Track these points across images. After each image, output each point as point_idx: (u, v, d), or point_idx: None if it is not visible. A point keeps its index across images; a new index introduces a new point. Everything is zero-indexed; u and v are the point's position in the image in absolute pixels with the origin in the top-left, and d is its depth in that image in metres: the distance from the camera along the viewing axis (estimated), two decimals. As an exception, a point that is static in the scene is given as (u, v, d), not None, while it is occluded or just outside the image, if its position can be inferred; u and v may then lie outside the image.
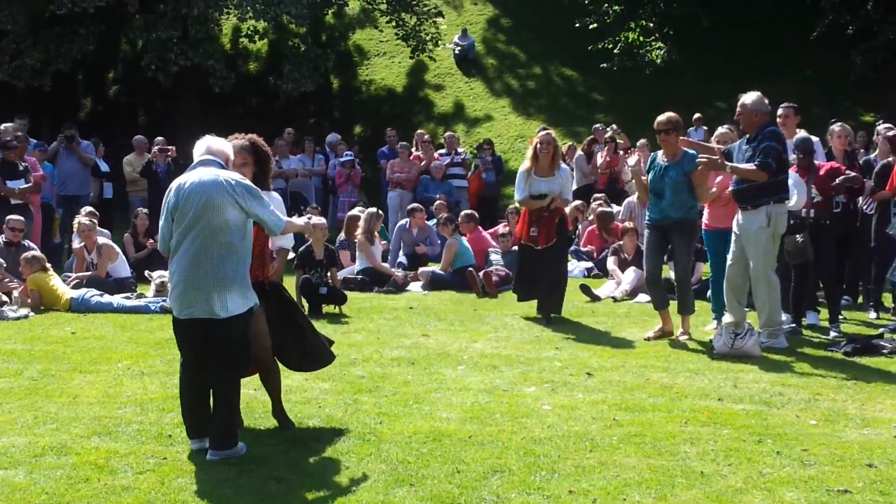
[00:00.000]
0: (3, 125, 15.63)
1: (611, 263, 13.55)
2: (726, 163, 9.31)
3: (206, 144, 6.23)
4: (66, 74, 24.41)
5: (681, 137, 10.06)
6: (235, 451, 6.01)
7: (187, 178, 6.04)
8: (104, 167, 18.74)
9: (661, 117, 9.92)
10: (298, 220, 6.98)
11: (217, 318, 5.94)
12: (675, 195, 9.71)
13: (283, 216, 6.35)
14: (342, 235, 15.44)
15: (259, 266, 6.56)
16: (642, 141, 19.22)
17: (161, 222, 6.13)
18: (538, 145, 10.99)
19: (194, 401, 6.14)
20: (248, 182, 6.11)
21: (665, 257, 10.56)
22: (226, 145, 6.32)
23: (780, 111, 11.40)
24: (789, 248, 10.07)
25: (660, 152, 10.00)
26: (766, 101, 9.36)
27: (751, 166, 9.10)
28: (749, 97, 9.37)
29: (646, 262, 10.15)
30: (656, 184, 9.84)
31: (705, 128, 20.70)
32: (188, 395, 6.18)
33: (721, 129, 11.10)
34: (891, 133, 11.65)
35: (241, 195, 5.94)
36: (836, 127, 11.16)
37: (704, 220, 10.49)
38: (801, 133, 10.59)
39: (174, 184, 6.12)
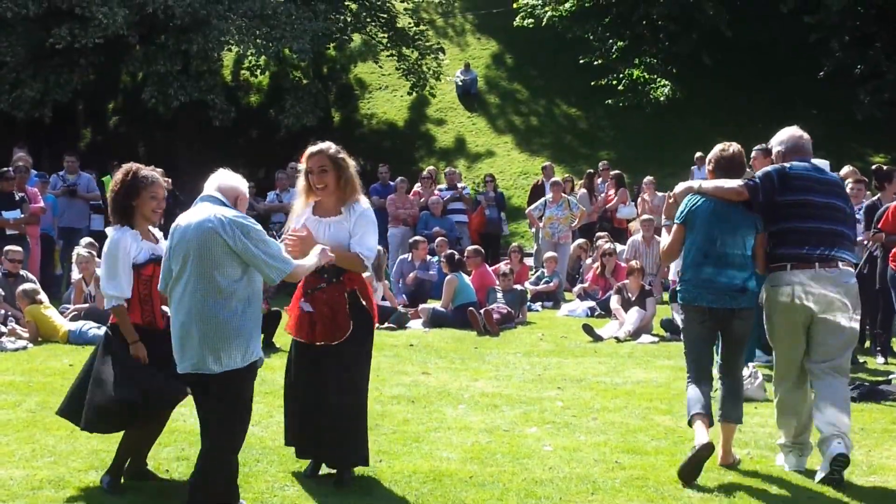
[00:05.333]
0: (17, 154, 15.60)
1: (614, 303, 13.46)
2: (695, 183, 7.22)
3: (216, 180, 5.67)
4: (67, 104, 24.44)
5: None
6: None
7: (184, 219, 5.51)
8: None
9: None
10: (312, 256, 5.84)
11: (210, 373, 5.31)
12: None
13: (289, 259, 5.57)
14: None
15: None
16: (648, 178, 19.22)
17: (163, 261, 5.63)
18: (308, 174, 6.27)
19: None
20: (244, 220, 5.41)
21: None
22: (238, 181, 5.72)
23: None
24: None
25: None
26: None
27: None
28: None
29: (698, 356, 6.68)
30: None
31: (709, 167, 20.63)
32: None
33: (846, 169, 10.28)
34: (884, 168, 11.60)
35: (230, 234, 5.29)
36: (844, 169, 11.11)
37: None
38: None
39: (175, 224, 5.56)
